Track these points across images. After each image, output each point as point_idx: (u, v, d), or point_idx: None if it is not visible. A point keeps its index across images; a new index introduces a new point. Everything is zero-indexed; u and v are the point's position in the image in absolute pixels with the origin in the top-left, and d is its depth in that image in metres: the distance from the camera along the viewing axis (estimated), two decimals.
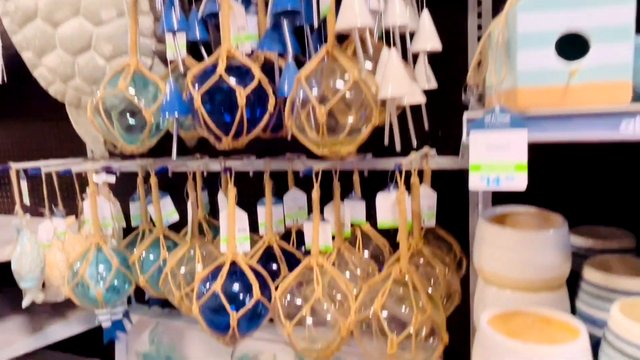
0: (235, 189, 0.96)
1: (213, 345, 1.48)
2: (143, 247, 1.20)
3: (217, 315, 0.92)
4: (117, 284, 1.23)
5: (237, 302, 0.91)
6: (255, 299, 0.91)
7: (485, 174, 0.55)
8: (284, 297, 0.90)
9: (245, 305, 0.91)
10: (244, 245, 0.98)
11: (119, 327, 1.39)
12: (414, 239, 0.98)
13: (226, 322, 0.91)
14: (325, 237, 0.92)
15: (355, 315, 0.84)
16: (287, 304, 0.89)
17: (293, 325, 0.85)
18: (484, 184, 0.55)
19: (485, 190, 0.54)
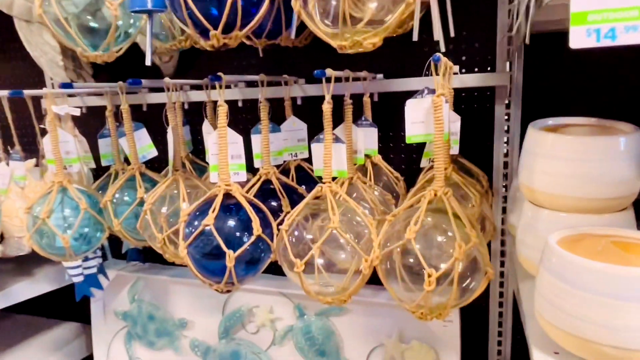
0: (226, 106, 0.78)
1: (202, 300, 1.33)
2: (116, 187, 1.02)
3: (209, 257, 0.76)
4: (87, 232, 1.05)
5: (233, 242, 0.75)
6: (255, 235, 0.75)
7: (594, 25, 0.39)
8: (292, 232, 0.74)
9: (244, 243, 0.75)
10: (239, 175, 0.81)
11: (92, 282, 1.22)
12: None
13: (221, 265, 0.76)
14: (340, 161, 0.76)
15: (380, 250, 0.69)
16: (295, 241, 0.73)
17: (304, 264, 0.69)
18: (592, 39, 0.39)
19: (594, 47, 0.38)
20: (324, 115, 0.74)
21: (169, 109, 0.91)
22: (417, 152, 1.13)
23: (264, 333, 1.28)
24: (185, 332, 1.36)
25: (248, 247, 0.75)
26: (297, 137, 1.06)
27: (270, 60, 1.18)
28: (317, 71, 0.70)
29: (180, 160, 0.93)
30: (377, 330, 1.16)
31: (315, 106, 1.18)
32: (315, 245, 0.69)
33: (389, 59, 1.10)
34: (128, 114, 1.01)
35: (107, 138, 1.16)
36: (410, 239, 0.64)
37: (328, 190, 0.73)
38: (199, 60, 1.25)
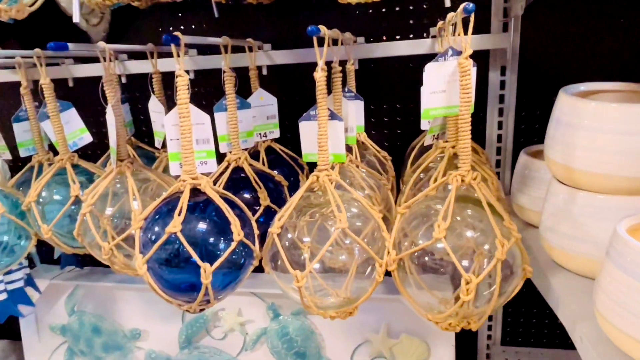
0: (187, 76, 0.61)
1: (157, 306, 1.15)
2: (42, 183, 0.81)
3: (177, 273, 0.60)
4: (7, 240, 0.84)
5: (207, 251, 0.59)
6: (236, 241, 0.59)
7: None
8: (284, 234, 0.59)
9: (221, 251, 0.59)
10: (207, 164, 0.64)
11: (20, 298, 1.01)
12: (449, 138, 0.70)
13: (192, 280, 0.59)
14: (337, 142, 0.61)
15: (396, 251, 0.56)
16: (287, 245, 0.58)
17: (308, 273, 0.55)
18: None
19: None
20: (317, 85, 0.59)
21: (107, 82, 0.71)
22: (401, 128, 1.00)
23: (233, 338, 1.12)
24: (139, 344, 1.18)
25: (227, 256, 0.59)
26: (267, 113, 0.89)
27: (225, 24, 0.99)
28: (312, 27, 0.54)
29: (125, 147, 0.74)
30: (361, 326, 1.05)
31: (284, 77, 1.03)
32: (320, 253, 0.54)
33: (366, 21, 0.95)
34: (51, 89, 0.80)
35: (25, 122, 0.93)
36: (440, 238, 0.52)
37: (327, 180, 0.59)
38: (135, 24, 1.03)
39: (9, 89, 1.07)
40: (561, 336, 1.08)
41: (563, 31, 0.88)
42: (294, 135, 1.03)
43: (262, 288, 1.06)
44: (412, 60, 0.95)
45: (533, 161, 0.76)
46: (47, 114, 0.81)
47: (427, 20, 0.92)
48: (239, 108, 0.77)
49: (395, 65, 0.96)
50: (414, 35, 0.94)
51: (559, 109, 0.60)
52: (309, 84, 1.01)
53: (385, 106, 0.98)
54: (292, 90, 1.02)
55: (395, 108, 0.98)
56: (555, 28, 0.89)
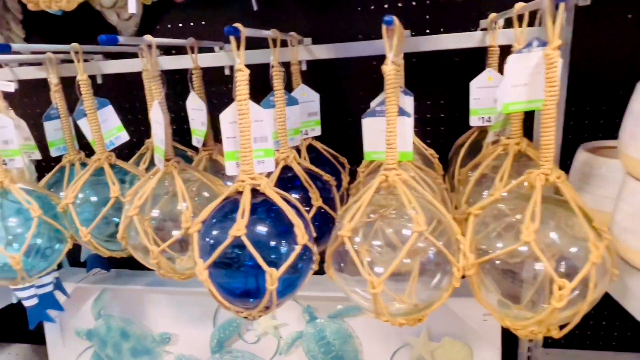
0: (247, 71, 0.57)
1: (187, 310, 1.12)
2: (79, 183, 0.78)
3: (240, 279, 0.57)
4: (41, 244, 0.80)
5: (271, 256, 0.56)
6: (301, 245, 0.56)
7: None
8: (356, 236, 0.56)
9: (284, 256, 0.56)
10: (265, 163, 0.61)
11: (49, 303, 0.97)
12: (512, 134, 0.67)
13: (256, 286, 0.56)
14: (405, 140, 0.58)
15: (474, 254, 0.53)
16: (356, 249, 0.55)
17: (385, 279, 0.51)
18: None
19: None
20: (386, 80, 0.55)
21: (152, 79, 0.67)
22: (445, 124, 0.97)
23: (266, 342, 1.09)
24: (168, 348, 1.14)
25: (293, 260, 0.56)
26: (308, 110, 0.86)
27: (262, 18, 0.95)
28: (388, 17, 0.50)
29: (171, 147, 0.70)
30: (400, 329, 1.02)
31: (320, 72, 0.99)
32: (398, 257, 0.51)
33: (409, 13, 0.92)
34: (88, 86, 0.76)
35: (56, 120, 0.89)
36: (529, 241, 0.48)
37: (398, 180, 0.55)
38: (166, 19, 1.00)
39: (30, 86, 1.04)
40: (604, 338, 1.05)
41: (618, 24, 0.85)
42: (330, 132, 0.99)
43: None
44: (458, 54, 0.91)
45: (595, 158, 0.72)
46: (84, 111, 0.78)
47: (475, 13, 0.89)
48: (287, 104, 0.74)
49: (439, 59, 0.92)
50: (460, 28, 0.90)
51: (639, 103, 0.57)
52: (347, 80, 0.99)
53: (429, 102, 0.95)
54: (330, 86, 0.98)
55: (439, 104, 0.95)
56: (610, 21, 0.85)
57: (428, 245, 0.54)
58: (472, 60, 0.92)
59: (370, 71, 0.95)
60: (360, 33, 0.94)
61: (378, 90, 0.95)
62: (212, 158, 0.86)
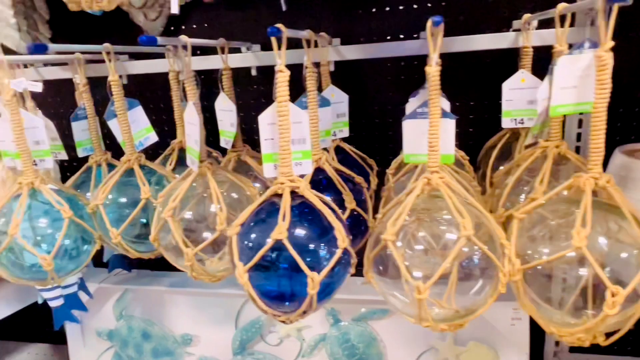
0: (288, 72, 0.57)
1: (209, 311, 1.11)
2: (110, 184, 0.77)
3: (280, 282, 0.56)
4: (69, 245, 0.80)
5: (311, 259, 0.55)
6: (341, 248, 0.55)
7: None
8: (401, 239, 0.55)
9: (323, 259, 0.55)
10: (303, 166, 0.60)
11: (74, 304, 0.97)
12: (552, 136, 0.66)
13: (295, 290, 0.55)
14: (447, 142, 0.57)
15: (520, 260, 0.52)
16: (404, 251, 0.54)
17: (431, 285, 0.50)
18: None
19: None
20: (429, 80, 0.54)
21: (187, 79, 0.67)
22: (474, 126, 0.96)
23: (289, 344, 1.09)
24: (189, 349, 1.14)
25: (334, 265, 0.55)
26: (337, 111, 0.86)
27: (290, 18, 0.94)
28: (437, 17, 0.49)
29: (205, 148, 0.70)
30: (426, 332, 1.00)
31: (351, 73, 0.98)
32: (446, 261, 0.50)
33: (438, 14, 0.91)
34: (120, 86, 0.76)
35: (83, 120, 0.89)
36: (581, 247, 0.47)
37: (442, 183, 0.55)
38: (191, 20, 0.99)
39: (56, 86, 1.04)
40: (632, 343, 1.04)
41: None
42: (357, 134, 0.98)
43: None
44: (488, 55, 0.90)
45: (634, 161, 0.71)
46: (114, 112, 0.77)
47: (507, 13, 0.88)
48: (319, 106, 0.73)
49: (469, 60, 0.91)
50: (490, 29, 0.89)
51: None
52: (374, 81, 0.97)
53: (458, 103, 0.94)
54: (357, 87, 0.98)
55: (469, 105, 0.94)
56: None
57: (473, 250, 0.53)
58: (503, 61, 0.91)
59: (398, 72, 0.95)
60: (388, 33, 0.93)
61: (406, 91, 0.95)
62: (241, 159, 0.86)
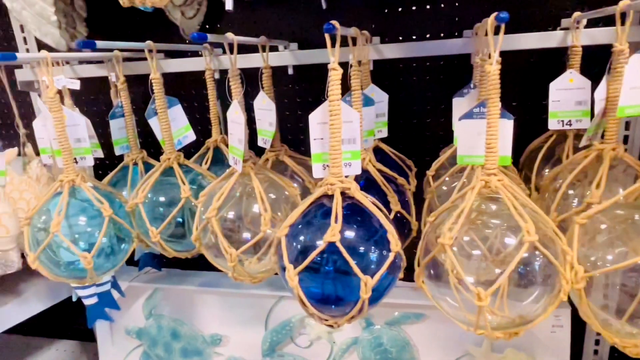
0: (341, 70, 0.55)
1: (239, 311, 1.10)
2: (150, 183, 0.77)
3: (331, 286, 0.55)
4: (107, 243, 0.80)
5: (363, 263, 0.54)
6: (394, 252, 0.54)
7: None
8: (458, 244, 0.53)
9: (378, 263, 0.54)
10: (352, 166, 0.59)
11: (107, 302, 0.97)
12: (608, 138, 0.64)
13: (346, 294, 0.54)
14: (505, 143, 0.55)
15: (581, 266, 0.50)
16: (463, 257, 0.53)
17: (493, 291, 0.49)
18: None
19: None
20: (489, 79, 0.53)
21: (232, 77, 0.66)
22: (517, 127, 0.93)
23: (319, 347, 1.07)
24: (219, 350, 1.13)
25: (388, 267, 0.53)
26: (377, 111, 0.84)
27: (329, 16, 0.93)
28: (503, 14, 0.48)
29: (247, 147, 0.69)
30: (460, 337, 0.99)
31: (389, 72, 0.97)
32: (509, 267, 0.48)
33: (479, 11, 0.88)
34: (161, 85, 0.75)
35: (120, 119, 0.89)
36: None
37: (501, 186, 0.53)
38: (228, 18, 0.98)
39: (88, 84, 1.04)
40: None
41: None
42: (393, 134, 0.97)
43: None
44: (533, 55, 0.88)
45: None
46: (155, 110, 0.77)
47: (554, 11, 0.85)
48: (363, 105, 0.72)
49: (511, 60, 0.89)
50: (535, 27, 0.87)
51: None
52: (412, 80, 0.95)
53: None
54: (394, 87, 0.96)
55: (511, 106, 0.92)
56: None
57: (533, 256, 0.51)
58: (546, 61, 0.88)
59: (438, 71, 0.92)
60: (428, 32, 0.91)
61: (446, 91, 0.93)
62: (279, 159, 0.84)
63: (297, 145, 0.97)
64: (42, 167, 1.00)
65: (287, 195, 0.75)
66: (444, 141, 0.93)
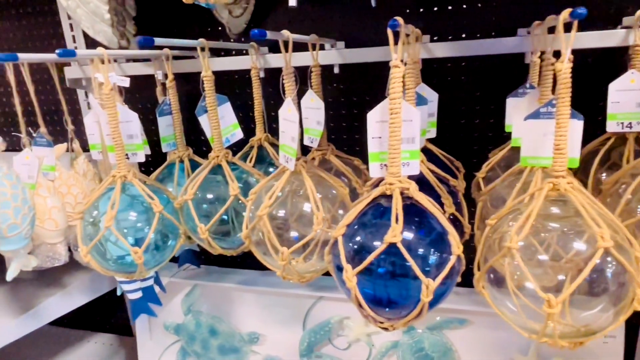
0: (403, 67, 0.54)
1: (276, 310, 1.10)
2: (199, 180, 0.77)
3: (391, 289, 0.53)
4: (156, 239, 0.80)
5: (424, 266, 0.52)
6: (455, 255, 0.52)
7: None
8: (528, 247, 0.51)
9: (438, 266, 0.52)
10: (411, 166, 0.57)
11: (151, 297, 0.98)
12: None
13: (404, 297, 0.53)
14: (574, 144, 0.53)
15: None
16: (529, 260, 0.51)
17: (564, 299, 0.47)
18: None
19: None
20: (560, 77, 0.51)
21: (287, 75, 0.65)
22: None
23: (358, 349, 1.06)
24: (256, 348, 1.14)
25: (449, 270, 0.52)
26: (427, 111, 0.82)
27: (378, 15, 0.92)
28: (580, 9, 0.46)
29: (300, 146, 0.68)
30: (505, 345, 0.96)
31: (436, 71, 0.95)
32: (583, 274, 0.46)
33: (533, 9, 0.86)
34: (212, 82, 0.76)
35: (168, 116, 0.90)
36: None
37: (571, 189, 0.51)
38: (274, 16, 0.98)
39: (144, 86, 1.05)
40: None
41: None
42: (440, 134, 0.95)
43: None
44: (590, 54, 0.85)
45: None
46: (205, 107, 0.77)
47: (614, 9, 0.82)
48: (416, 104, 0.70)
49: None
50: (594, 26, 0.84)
51: None
52: (460, 80, 0.93)
53: None
54: (442, 86, 0.94)
55: None
56: None
57: (606, 262, 0.49)
58: (604, 61, 0.85)
59: (487, 71, 0.90)
60: (478, 30, 0.89)
61: (497, 91, 0.90)
62: (325, 158, 0.84)
63: (340, 144, 0.96)
64: (88, 162, 1.02)
65: (335, 195, 0.74)
66: (492, 143, 0.91)
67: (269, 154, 0.92)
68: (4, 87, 1.24)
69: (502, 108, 0.91)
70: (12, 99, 0.85)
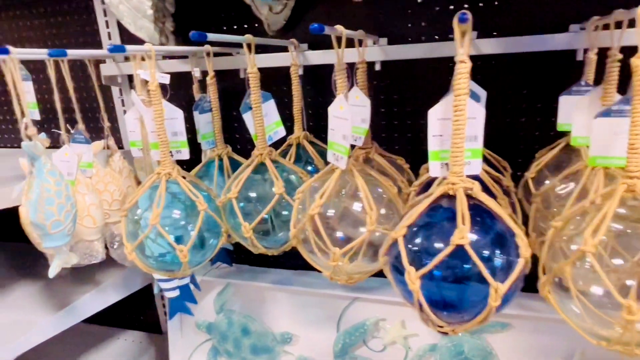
0: (470, 64, 0.52)
1: (310, 311, 1.09)
2: (243, 178, 0.76)
3: (446, 289, 0.52)
4: (199, 237, 0.79)
5: (492, 268, 0.50)
6: (524, 258, 0.50)
7: None
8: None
9: (505, 269, 0.50)
10: (472, 165, 0.55)
11: (187, 296, 0.98)
12: None
13: (470, 301, 0.51)
14: None
15: None
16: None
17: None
18: None
19: None
20: (635, 73, 0.48)
21: (339, 72, 0.64)
22: None
23: (393, 351, 1.04)
24: (289, 349, 1.12)
25: (518, 276, 0.50)
26: None
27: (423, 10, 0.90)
28: None
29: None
30: (548, 349, 0.94)
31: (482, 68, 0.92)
32: None
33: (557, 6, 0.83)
34: (257, 79, 0.75)
35: (207, 113, 0.89)
36: None
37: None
38: (313, 12, 0.97)
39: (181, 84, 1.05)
40: None
41: None
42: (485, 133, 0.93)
43: None
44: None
45: None
46: (249, 105, 0.76)
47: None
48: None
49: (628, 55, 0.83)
50: None
51: None
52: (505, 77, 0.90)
53: None
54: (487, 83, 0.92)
55: None
56: None
57: None
58: None
59: (535, 68, 0.88)
60: (524, 26, 0.87)
61: (543, 89, 0.88)
62: (369, 157, 0.82)
63: (379, 143, 0.94)
64: (123, 160, 1.02)
65: (380, 194, 0.72)
66: (539, 142, 0.88)
67: (307, 152, 0.91)
68: (38, 85, 1.24)
69: (549, 106, 0.88)
70: (52, 96, 0.85)
